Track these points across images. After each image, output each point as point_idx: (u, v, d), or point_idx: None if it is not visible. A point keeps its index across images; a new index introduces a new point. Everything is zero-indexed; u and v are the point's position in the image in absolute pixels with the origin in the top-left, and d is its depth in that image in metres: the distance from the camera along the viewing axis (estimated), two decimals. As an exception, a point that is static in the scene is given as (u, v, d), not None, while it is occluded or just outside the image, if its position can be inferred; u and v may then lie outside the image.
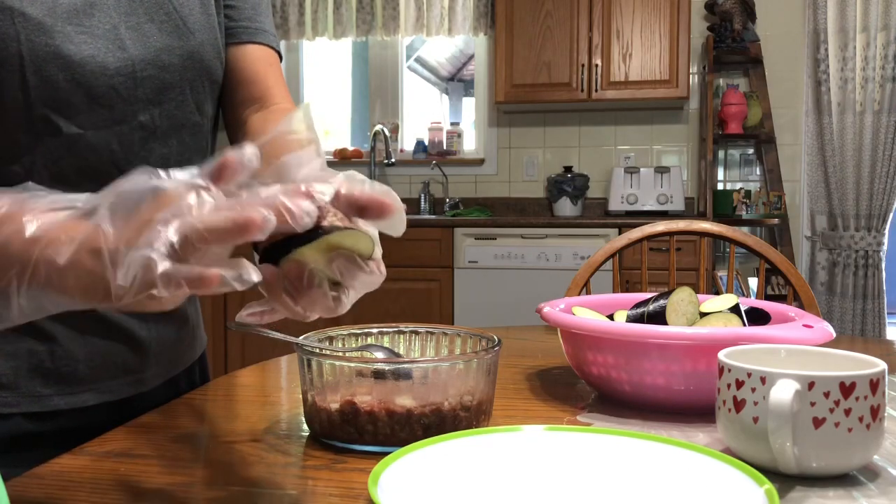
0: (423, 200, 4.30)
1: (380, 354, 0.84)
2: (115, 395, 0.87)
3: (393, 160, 4.28)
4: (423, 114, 5.33)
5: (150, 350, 0.90)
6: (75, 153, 0.78)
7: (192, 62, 0.85)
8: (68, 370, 0.82)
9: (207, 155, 0.91)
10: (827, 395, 0.63)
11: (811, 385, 0.63)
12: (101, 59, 0.77)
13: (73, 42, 0.75)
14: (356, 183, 0.54)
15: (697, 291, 2.29)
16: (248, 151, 0.49)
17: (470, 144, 4.50)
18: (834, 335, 0.82)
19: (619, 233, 3.30)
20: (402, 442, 0.68)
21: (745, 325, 0.91)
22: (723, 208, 3.77)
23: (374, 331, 0.87)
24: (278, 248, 0.52)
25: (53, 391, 0.82)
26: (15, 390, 0.80)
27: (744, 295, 3.71)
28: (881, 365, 0.66)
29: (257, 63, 0.95)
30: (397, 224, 0.54)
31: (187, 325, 0.97)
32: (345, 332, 0.85)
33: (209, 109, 0.90)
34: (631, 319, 0.96)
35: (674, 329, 0.83)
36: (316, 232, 0.51)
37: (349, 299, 0.55)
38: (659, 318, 0.92)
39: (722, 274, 3.79)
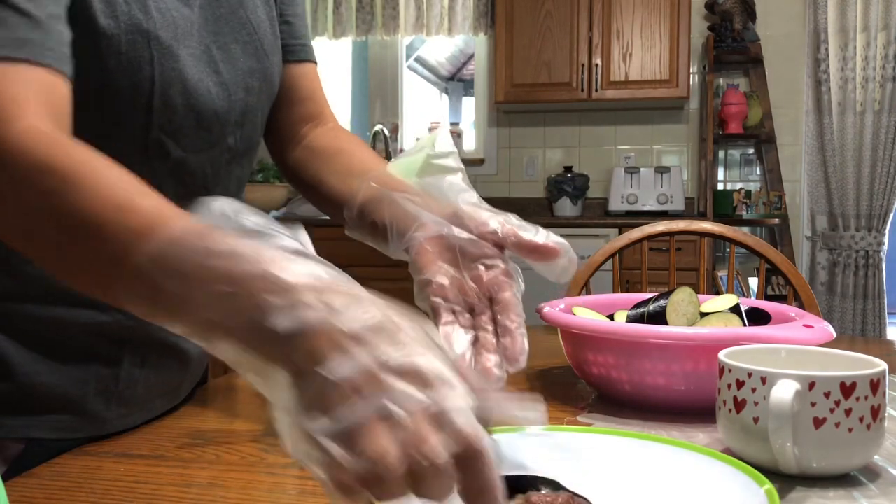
0: (423, 200, 4.30)
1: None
2: (156, 412, 0.87)
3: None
4: (423, 114, 5.33)
5: (191, 365, 0.91)
6: (176, 176, 0.78)
7: (267, 85, 0.86)
8: (129, 393, 0.83)
9: (247, 175, 0.92)
10: (827, 395, 0.63)
11: (811, 385, 0.63)
12: (206, 82, 0.77)
13: (189, 66, 0.75)
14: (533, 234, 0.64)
15: (697, 291, 2.28)
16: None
17: (470, 144, 4.50)
18: (834, 335, 0.82)
19: (619, 233, 3.30)
20: (402, 442, 0.68)
21: (745, 325, 0.91)
22: (723, 208, 3.77)
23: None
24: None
25: (114, 414, 0.82)
26: (81, 414, 0.80)
27: (744, 295, 3.71)
28: (881, 365, 0.66)
29: (314, 81, 0.98)
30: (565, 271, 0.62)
31: None
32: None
33: (262, 131, 0.91)
34: (631, 319, 0.96)
35: (674, 329, 0.83)
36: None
37: None
38: (659, 318, 0.92)
39: (722, 274, 3.79)
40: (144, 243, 0.47)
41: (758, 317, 0.95)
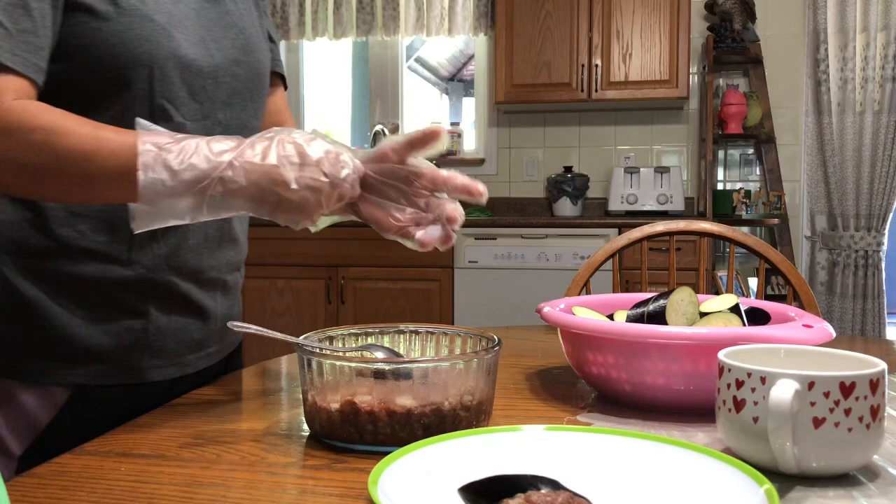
0: (423, 200, 4.30)
1: (380, 354, 0.84)
2: (193, 368, 1.01)
3: (393, 160, 4.27)
4: (423, 114, 5.33)
5: (217, 324, 1.03)
6: None
7: (253, 74, 1.02)
8: (159, 345, 0.96)
9: None
10: (827, 395, 0.63)
11: (811, 385, 0.63)
12: (199, 62, 0.93)
13: (182, 46, 0.91)
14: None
15: (697, 291, 2.28)
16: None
17: (470, 144, 4.49)
18: (834, 335, 0.83)
19: (619, 233, 3.30)
20: (402, 442, 0.68)
21: (745, 324, 0.91)
22: (723, 208, 3.77)
23: (374, 331, 0.87)
24: None
25: (148, 365, 0.95)
26: (115, 364, 0.93)
27: (744, 295, 3.71)
28: (881, 365, 0.66)
29: (279, 98, 1.17)
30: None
31: (236, 306, 1.09)
32: (345, 332, 0.86)
33: (261, 116, 1.07)
34: (631, 319, 0.96)
35: (674, 329, 0.83)
36: None
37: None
38: (659, 318, 0.93)
39: (722, 274, 3.79)
40: (123, 160, 0.75)
41: (757, 317, 0.95)
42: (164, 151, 0.74)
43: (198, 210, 0.76)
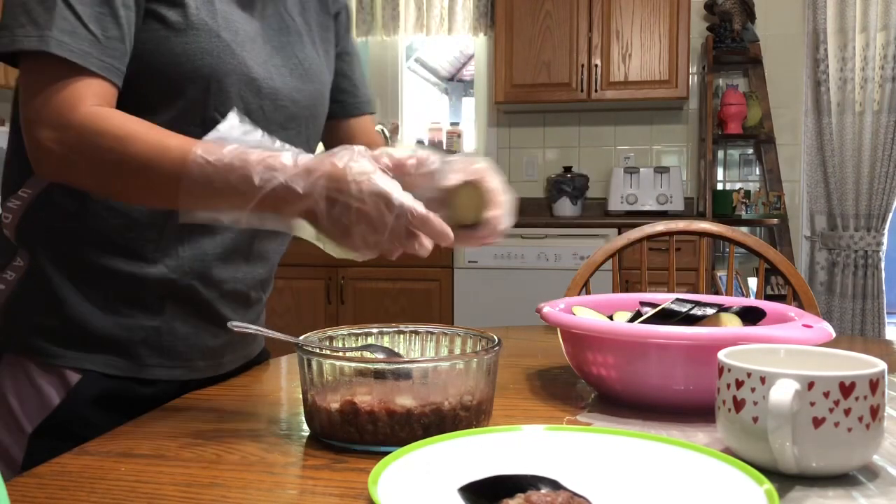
0: (422, 200, 4.30)
1: (380, 354, 0.84)
2: (201, 375, 1.02)
3: (393, 160, 4.27)
4: (423, 114, 5.33)
5: (234, 336, 1.04)
6: None
7: (311, 104, 1.06)
8: (170, 346, 0.98)
9: None
10: (827, 395, 0.63)
11: (811, 385, 0.63)
12: (259, 82, 0.96)
13: (245, 64, 0.94)
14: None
15: (697, 291, 2.28)
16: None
17: (470, 144, 4.49)
18: (833, 335, 0.83)
19: (619, 233, 3.30)
20: (402, 442, 0.68)
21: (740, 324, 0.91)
22: (722, 208, 3.77)
23: (374, 331, 0.87)
24: None
25: (156, 363, 0.97)
26: (127, 358, 0.96)
27: (744, 295, 3.71)
28: (881, 365, 0.66)
29: (369, 127, 1.21)
30: None
31: (258, 321, 1.12)
32: (345, 332, 0.86)
33: (314, 146, 1.11)
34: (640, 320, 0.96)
35: (674, 329, 0.83)
36: None
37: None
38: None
39: (722, 274, 3.79)
40: (180, 168, 0.77)
41: (752, 315, 0.94)
42: (210, 166, 0.76)
43: (238, 222, 0.79)
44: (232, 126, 0.81)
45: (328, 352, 0.81)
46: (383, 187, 0.73)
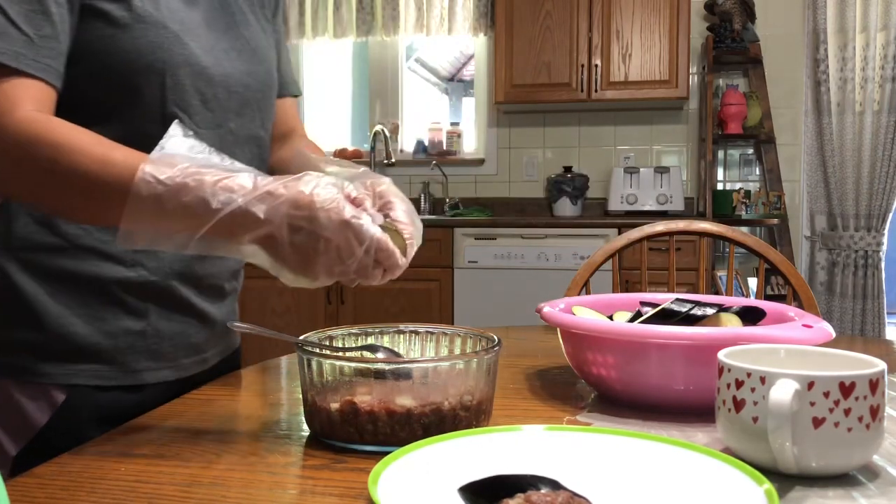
0: (423, 200, 4.30)
1: (380, 354, 0.84)
2: (187, 373, 1.00)
3: (393, 160, 4.28)
4: (423, 114, 5.33)
5: (216, 329, 1.03)
6: None
7: (262, 86, 1.03)
8: (156, 347, 0.96)
9: (267, 166, 1.08)
10: (826, 394, 0.63)
11: (811, 385, 0.63)
12: (211, 70, 0.94)
13: (195, 54, 0.92)
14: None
15: (697, 291, 2.28)
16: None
17: (470, 144, 4.49)
18: (833, 335, 0.83)
19: (619, 233, 3.30)
20: (402, 442, 0.68)
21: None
22: (722, 208, 3.77)
23: (374, 331, 0.87)
24: None
25: (143, 367, 0.95)
26: (111, 364, 0.93)
27: (744, 295, 3.71)
28: (881, 365, 0.66)
29: (291, 108, 1.18)
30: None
31: (234, 311, 1.10)
32: (345, 332, 0.86)
33: (269, 127, 1.08)
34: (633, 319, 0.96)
35: (674, 329, 0.83)
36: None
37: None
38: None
39: (722, 274, 3.79)
40: (124, 185, 0.72)
41: (752, 315, 0.94)
42: (161, 185, 0.71)
43: (183, 248, 0.73)
44: (176, 142, 0.76)
45: (328, 352, 0.81)
46: (354, 219, 0.71)
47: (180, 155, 0.74)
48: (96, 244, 0.91)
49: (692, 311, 0.90)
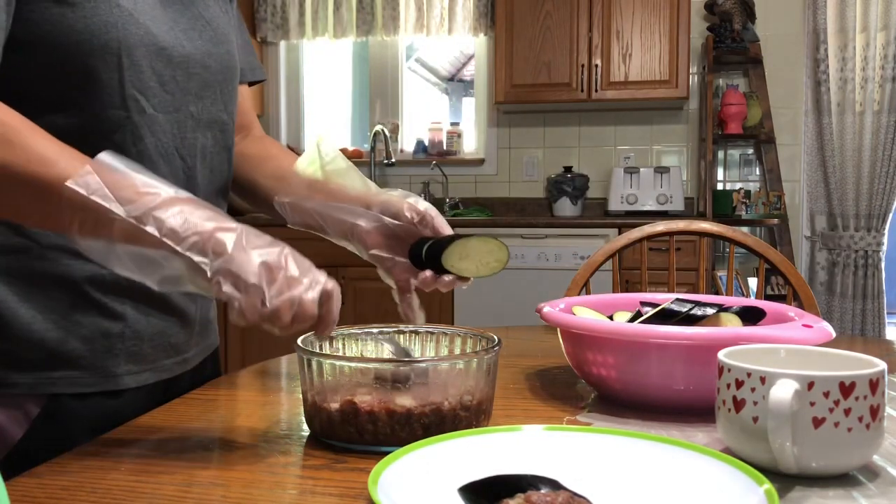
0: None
1: (388, 346, 0.85)
2: (169, 374, 0.95)
3: (393, 160, 4.28)
4: (423, 114, 5.33)
5: (195, 328, 0.99)
6: (153, 133, 0.88)
7: (223, 68, 0.98)
8: (135, 349, 0.90)
9: (232, 153, 1.03)
10: (826, 394, 0.63)
11: (811, 385, 0.63)
12: (169, 50, 0.89)
13: (151, 33, 0.86)
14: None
15: (697, 291, 2.28)
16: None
17: (470, 144, 4.49)
18: (834, 335, 0.83)
19: (619, 233, 3.30)
20: (402, 442, 0.68)
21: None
22: (722, 208, 3.77)
23: (375, 331, 0.87)
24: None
25: (123, 371, 0.89)
26: (89, 370, 0.86)
27: (744, 295, 3.71)
28: (881, 365, 0.66)
29: (246, 100, 1.13)
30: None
31: (212, 309, 1.06)
32: (345, 332, 0.86)
33: (233, 112, 1.02)
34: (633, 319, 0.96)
35: (674, 329, 0.83)
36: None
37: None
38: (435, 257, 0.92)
39: (722, 274, 3.79)
40: (62, 189, 0.67)
41: (752, 315, 0.94)
42: (94, 195, 0.67)
43: (107, 261, 0.70)
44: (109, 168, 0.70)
45: (328, 352, 0.81)
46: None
47: (120, 170, 0.70)
48: (63, 241, 0.81)
49: (692, 312, 0.90)
